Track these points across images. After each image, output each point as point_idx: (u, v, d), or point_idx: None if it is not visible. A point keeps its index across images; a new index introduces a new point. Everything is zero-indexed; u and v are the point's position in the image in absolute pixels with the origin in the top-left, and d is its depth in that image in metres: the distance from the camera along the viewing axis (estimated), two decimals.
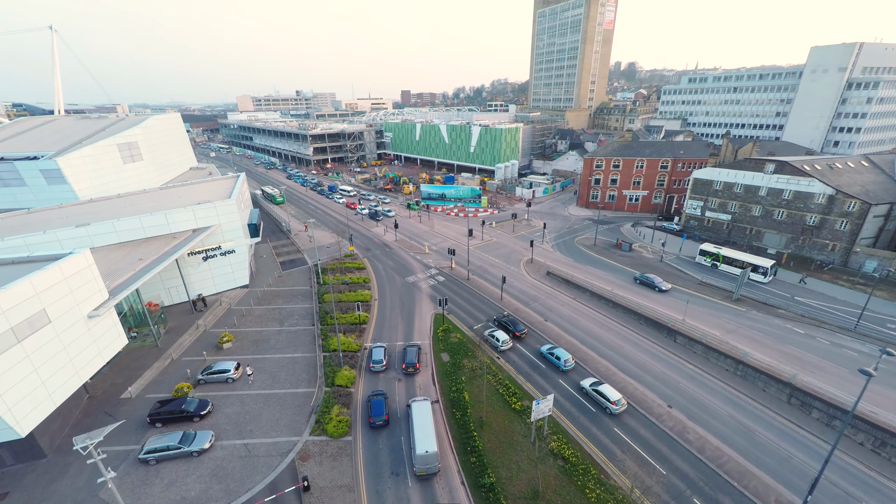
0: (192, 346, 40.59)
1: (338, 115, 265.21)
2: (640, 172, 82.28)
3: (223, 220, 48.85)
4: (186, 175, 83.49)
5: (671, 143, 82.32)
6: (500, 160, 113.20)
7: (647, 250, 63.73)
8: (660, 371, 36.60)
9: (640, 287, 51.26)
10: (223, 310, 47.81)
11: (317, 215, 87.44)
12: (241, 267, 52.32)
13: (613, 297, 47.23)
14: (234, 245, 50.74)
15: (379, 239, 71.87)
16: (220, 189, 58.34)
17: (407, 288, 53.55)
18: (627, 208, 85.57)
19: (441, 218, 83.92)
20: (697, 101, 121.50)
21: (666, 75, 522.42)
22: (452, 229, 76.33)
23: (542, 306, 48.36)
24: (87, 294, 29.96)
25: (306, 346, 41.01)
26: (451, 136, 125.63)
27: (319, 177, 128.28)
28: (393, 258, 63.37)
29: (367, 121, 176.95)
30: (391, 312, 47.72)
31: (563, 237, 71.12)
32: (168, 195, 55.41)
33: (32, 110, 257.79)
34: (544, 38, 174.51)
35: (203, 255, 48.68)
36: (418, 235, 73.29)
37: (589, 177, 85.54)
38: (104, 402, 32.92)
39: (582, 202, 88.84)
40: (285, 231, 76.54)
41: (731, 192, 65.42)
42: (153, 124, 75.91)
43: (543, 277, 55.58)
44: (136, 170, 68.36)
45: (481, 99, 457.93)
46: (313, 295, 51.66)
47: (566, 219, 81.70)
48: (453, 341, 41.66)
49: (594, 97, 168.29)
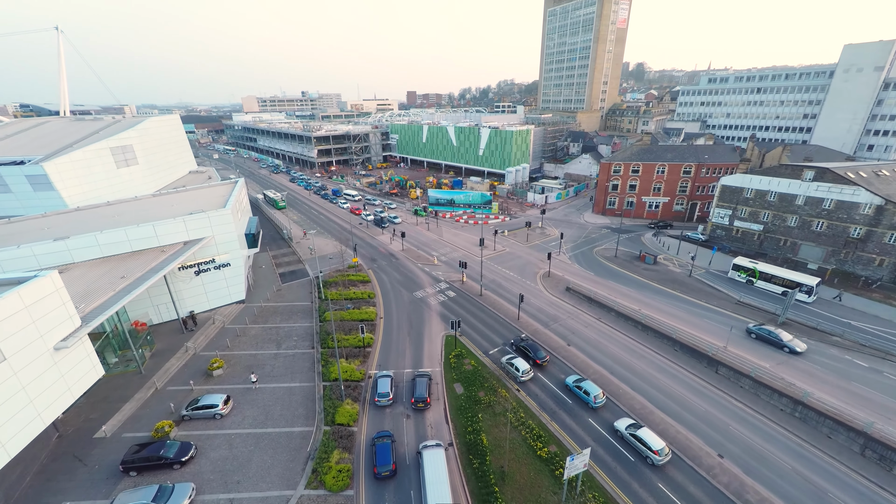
0: (180, 373, 36.80)
1: (343, 116, 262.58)
2: (661, 178, 77.61)
3: (217, 231, 45.14)
4: (185, 179, 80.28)
5: (695, 147, 77.58)
6: (510, 164, 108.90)
7: (673, 263, 59.11)
8: (704, 410, 32.15)
9: (755, 343, 39.00)
10: (216, 329, 44.04)
11: (320, 221, 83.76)
12: (237, 281, 48.58)
13: (643, 319, 42.79)
14: (230, 258, 47.01)
15: (385, 248, 67.91)
16: (216, 196, 54.74)
17: (415, 304, 49.48)
18: (647, 216, 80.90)
19: (450, 225, 79.83)
20: (717, 102, 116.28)
21: (675, 76, 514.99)
22: (462, 238, 72.19)
23: (563, 328, 44.04)
24: (54, 323, 26.21)
25: (304, 373, 37.07)
26: (459, 139, 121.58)
27: (323, 180, 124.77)
28: (400, 270, 59.37)
29: (373, 122, 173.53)
30: (398, 333, 43.66)
31: (581, 247, 66.67)
32: (160, 203, 51.87)
33: (39, 111, 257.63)
34: (555, 38, 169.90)
35: (195, 269, 44.98)
36: (426, 244, 69.24)
37: (606, 182, 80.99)
38: (75, 441, 29.15)
39: (598, 209, 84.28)
40: (286, 239, 72.87)
41: (764, 200, 60.61)
42: (150, 126, 72.69)
43: (563, 293, 51.24)
44: (130, 175, 65.07)
45: (487, 100, 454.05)
46: (314, 311, 47.79)
47: (582, 227, 77.19)
48: (467, 369, 37.49)
49: (606, 98, 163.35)
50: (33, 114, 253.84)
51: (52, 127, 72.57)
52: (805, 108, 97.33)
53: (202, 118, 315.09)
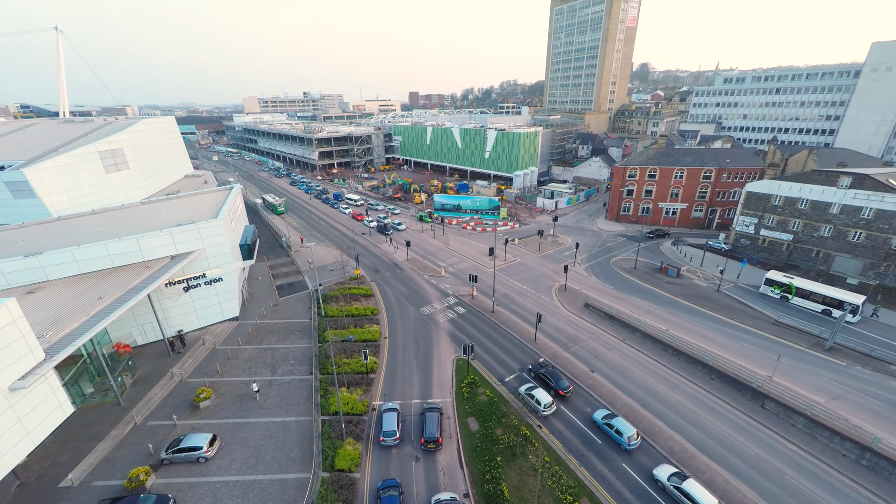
0: (163, 404, 33.17)
1: (345, 116, 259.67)
2: (679, 183, 73.69)
3: (208, 243, 41.55)
4: (180, 184, 76.94)
5: (715, 151, 73.66)
6: (517, 167, 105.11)
7: (697, 276, 55.21)
8: (753, 454, 28.28)
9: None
10: (206, 351, 40.43)
11: (320, 228, 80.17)
12: (230, 297, 44.98)
13: (673, 342, 38.93)
14: (222, 272, 43.41)
15: (388, 258, 64.23)
16: (209, 203, 51.24)
17: (422, 322, 45.75)
18: (663, 222, 76.95)
19: (457, 232, 76.09)
20: (733, 103, 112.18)
21: (680, 76, 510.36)
22: (470, 246, 68.43)
23: (585, 350, 40.23)
24: (10, 360, 22.64)
25: (301, 404, 33.39)
26: (465, 141, 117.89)
27: (325, 183, 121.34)
28: (405, 282, 55.67)
29: (375, 123, 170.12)
30: (404, 356, 39.94)
31: (597, 258, 62.82)
32: (149, 211, 48.38)
33: (39, 112, 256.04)
34: (561, 37, 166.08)
35: (184, 286, 41.40)
36: (432, 254, 65.52)
37: (621, 187, 77.11)
38: (38, 492, 25.53)
39: (612, 215, 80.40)
40: (285, 247, 69.28)
41: (794, 208, 56.65)
42: (143, 128, 69.37)
43: (581, 310, 47.41)
44: (120, 180, 61.67)
45: (491, 101, 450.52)
46: (312, 330, 44.14)
47: (596, 234, 73.32)
48: (482, 400, 33.73)
49: (614, 99, 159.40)
50: (33, 115, 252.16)
51: (41, 129, 69.30)
52: (827, 109, 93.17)
53: (203, 119, 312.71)
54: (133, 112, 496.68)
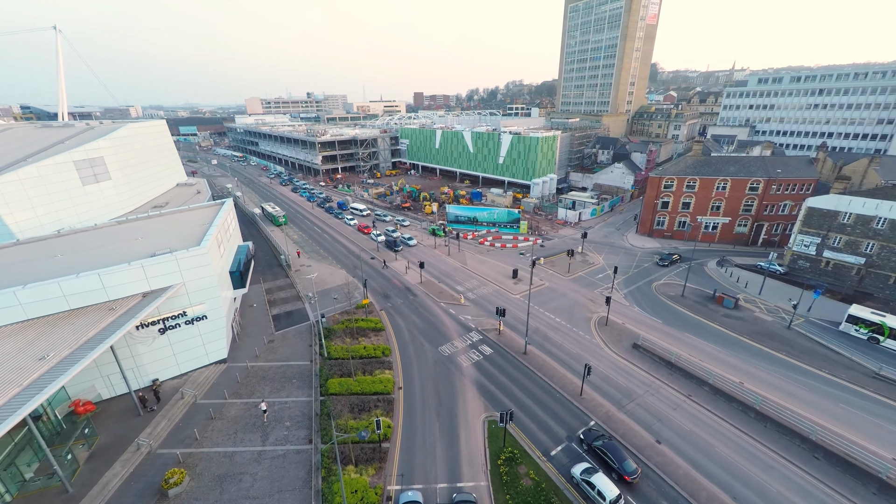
0: (122, 492, 26.25)
1: (349, 118, 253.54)
2: (721, 195, 66.23)
3: (190, 276, 34.74)
4: (171, 194, 70.40)
5: (762, 160, 66.16)
6: (535, 174, 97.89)
7: (758, 307, 47.77)
8: None
9: None
10: (184, 406, 33.54)
11: (323, 242, 73.31)
12: (217, 336, 38.13)
13: (756, 404, 31.61)
14: (207, 308, 36.57)
15: (399, 279, 57.23)
16: (197, 221, 44.48)
17: (442, 366, 38.69)
18: (702, 238, 69.46)
19: (473, 248, 68.94)
20: (769, 105, 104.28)
21: (690, 76, 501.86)
22: (490, 266, 61.27)
23: (643, 409, 33.01)
24: None
25: (298, 490, 26.41)
26: (477, 145, 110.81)
27: (328, 189, 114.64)
28: (419, 312, 48.65)
29: (381, 125, 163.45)
30: (424, 415, 32.89)
31: (635, 281, 55.51)
32: (124, 233, 41.62)
33: (38, 113, 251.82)
34: (576, 36, 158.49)
35: (159, 327, 34.57)
36: (448, 275, 58.46)
37: (655, 199, 69.72)
38: None
39: (644, 229, 73.00)
40: (284, 266, 62.44)
41: (868, 227, 49.19)
42: (128, 134, 62.78)
43: (629, 352, 40.17)
44: (100, 192, 55.04)
45: (497, 101, 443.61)
46: (313, 376, 37.21)
47: (629, 252, 65.94)
48: (525, 486, 26.61)
49: (633, 101, 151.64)
50: (33, 116, 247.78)
51: (12, 136, 62.86)
52: (880, 112, 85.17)
53: (205, 120, 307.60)
54: (137, 112, 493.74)
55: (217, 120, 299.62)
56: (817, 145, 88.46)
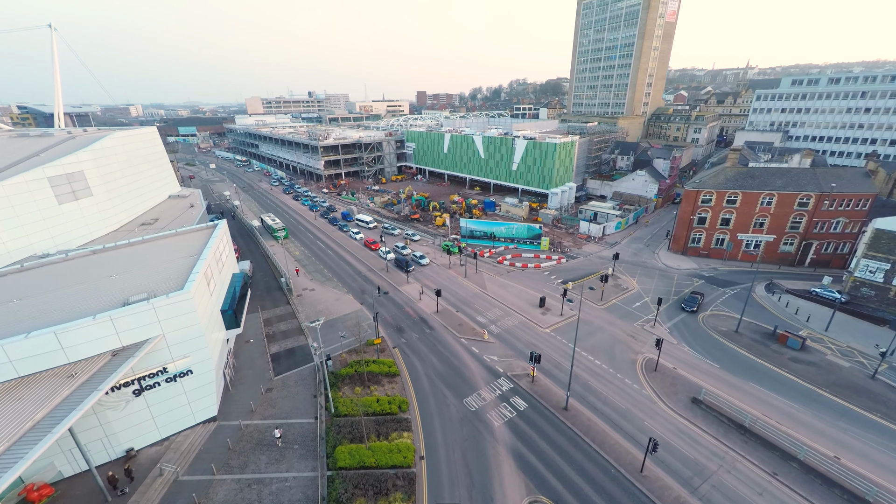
0: None
1: (351, 118, 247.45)
2: (765, 210, 60.09)
3: (171, 326, 28.94)
4: (162, 207, 64.65)
5: (812, 172, 59.91)
6: (552, 183, 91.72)
7: (829, 348, 41.66)
8: None
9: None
10: (163, 486, 27.76)
11: (327, 260, 67.44)
12: (205, 392, 32.35)
13: (870, 496, 25.61)
14: (192, 362, 30.78)
15: (413, 308, 51.35)
16: (184, 251, 38.66)
17: (470, 427, 32.82)
18: (742, 257, 63.41)
19: (492, 268, 62.93)
20: (804, 108, 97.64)
21: (697, 75, 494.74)
22: (513, 291, 55.28)
23: (721, 494, 27.03)
24: None
25: None
26: (489, 151, 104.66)
27: (331, 197, 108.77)
28: (438, 350, 42.78)
29: (385, 127, 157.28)
30: (453, 498, 27.02)
31: (678, 311, 49.49)
32: (97, 267, 35.81)
33: (34, 113, 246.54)
34: (590, 34, 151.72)
35: (133, 388, 28.78)
36: (467, 302, 52.56)
37: (691, 214, 63.56)
38: None
39: (678, 246, 66.87)
40: (285, 289, 56.63)
41: None
42: (113, 144, 56.92)
43: (689, 409, 34.20)
44: (80, 211, 49.23)
45: (500, 100, 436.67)
46: (318, 441, 31.41)
47: (665, 274, 59.87)
48: None
49: (650, 102, 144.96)
50: (29, 116, 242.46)
51: None
52: None
53: (205, 120, 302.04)
54: (137, 111, 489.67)
55: (217, 120, 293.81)
56: (865, 153, 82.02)
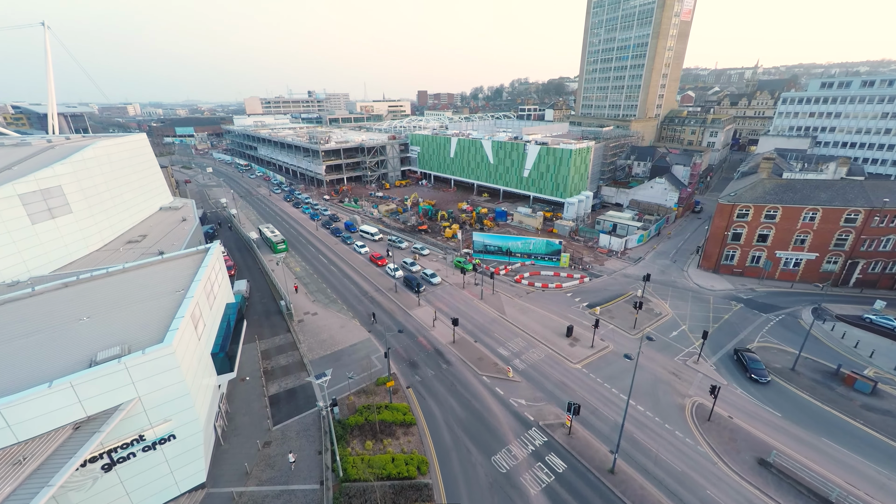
0: None
1: (352, 119, 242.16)
2: (808, 227, 55.28)
3: (149, 387, 24.06)
4: (151, 222, 59.84)
5: (862, 186, 55.09)
6: (566, 191, 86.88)
7: None
8: None
9: None
10: None
11: (330, 277, 62.52)
12: (191, 457, 27.44)
13: None
14: (175, 426, 25.88)
15: (426, 337, 46.49)
16: (169, 284, 33.73)
17: (501, 497, 27.99)
18: (780, 276, 58.62)
19: (509, 289, 58.03)
20: (835, 113, 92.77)
21: (700, 74, 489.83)
22: (535, 316, 50.43)
23: None
24: None
25: None
26: (499, 156, 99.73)
27: (333, 204, 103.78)
28: (457, 391, 37.95)
29: (388, 129, 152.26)
30: None
31: (721, 342, 44.68)
32: (67, 302, 30.89)
33: (28, 113, 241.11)
34: (600, 33, 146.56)
35: (103, 463, 23.89)
36: (485, 330, 47.72)
37: (726, 230, 58.71)
38: None
39: (708, 264, 62.04)
40: (285, 313, 51.76)
41: None
42: (96, 154, 51.95)
43: (757, 473, 29.36)
44: (57, 230, 44.35)
45: (502, 100, 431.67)
46: None
47: (699, 296, 55.03)
48: None
49: (663, 104, 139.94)
50: (23, 116, 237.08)
51: None
52: None
53: (202, 120, 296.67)
54: (135, 110, 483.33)
55: (216, 120, 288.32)
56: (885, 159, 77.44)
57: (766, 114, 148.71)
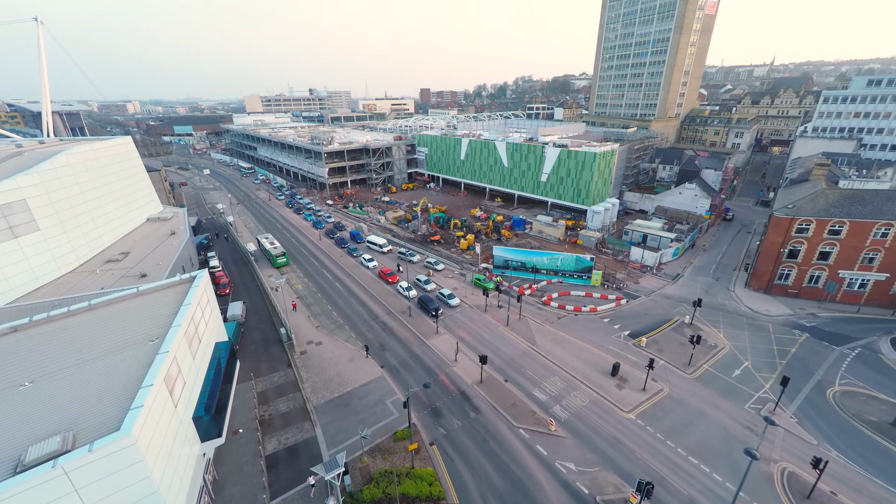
0: None
1: (354, 118, 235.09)
2: (879, 244, 48.68)
3: (100, 492, 17.77)
4: (136, 236, 53.68)
5: None
6: (589, 197, 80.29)
7: None
8: None
9: None
10: None
11: (335, 296, 56.17)
12: None
13: None
14: None
15: (448, 374, 40.14)
16: (142, 330, 27.38)
17: None
18: (842, 298, 52.08)
19: (537, 312, 51.59)
20: (884, 113, 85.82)
21: (708, 72, 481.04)
22: (570, 348, 43.98)
23: None
24: None
25: None
26: (514, 159, 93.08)
27: (337, 210, 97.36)
28: (490, 452, 31.59)
29: (393, 129, 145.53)
30: None
31: (796, 384, 38.07)
32: (10, 359, 24.53)
33: (23, 111, 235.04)
34: (617, 28, 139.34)
35: None
36: (516, 366, 41.33)
37: (781, 247, 52.15)
38: None
39: (759, 283, 55.49)
40: (285, 341, 45.46)
41: None
42: (70, 162, 45.59)
43: None
44: (20, 252, 38.19)
45: (506, 98, 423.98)
46: None
47: (755, 322, 48.47)
48: None
49: (684, 103, 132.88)
50: (18, 115, 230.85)
51: None
52: None
53: (202, 119, 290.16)
54: (135, 108, 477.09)
55: (215, 119, 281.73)
56: None
57: (789, 113, 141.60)
